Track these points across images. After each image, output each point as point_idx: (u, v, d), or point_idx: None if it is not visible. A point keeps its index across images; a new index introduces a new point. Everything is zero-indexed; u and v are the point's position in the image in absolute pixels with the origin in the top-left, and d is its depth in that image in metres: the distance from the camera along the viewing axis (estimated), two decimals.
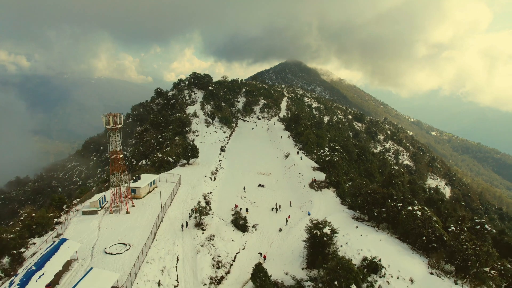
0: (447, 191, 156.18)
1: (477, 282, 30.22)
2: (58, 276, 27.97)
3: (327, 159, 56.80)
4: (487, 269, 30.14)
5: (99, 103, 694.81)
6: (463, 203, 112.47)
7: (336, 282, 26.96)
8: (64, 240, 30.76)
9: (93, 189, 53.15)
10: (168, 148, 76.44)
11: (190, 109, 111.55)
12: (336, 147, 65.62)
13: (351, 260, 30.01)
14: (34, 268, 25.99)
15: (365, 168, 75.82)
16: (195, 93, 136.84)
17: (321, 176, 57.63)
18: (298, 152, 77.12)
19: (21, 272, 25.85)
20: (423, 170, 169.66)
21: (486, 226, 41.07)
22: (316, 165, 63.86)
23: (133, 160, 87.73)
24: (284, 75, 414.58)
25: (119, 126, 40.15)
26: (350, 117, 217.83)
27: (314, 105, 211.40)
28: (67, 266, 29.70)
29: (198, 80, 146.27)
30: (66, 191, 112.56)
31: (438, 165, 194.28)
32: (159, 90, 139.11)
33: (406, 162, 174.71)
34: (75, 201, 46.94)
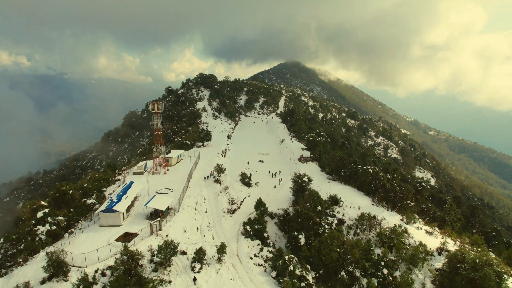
0: (431, 182, 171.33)
1: (402, 210, 46.24)
2: (132, 202, 44.05)
3: (311, 139, 72.84)
4: (408, 202, 46.13)
5: (99, 103, 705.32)
6: (436, 186, 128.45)
7: (308, 204, 43.05)
8: (132, 182, 46.96)
9: (134, 161, 69.02)
10: (183, 136, 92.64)
11: (199, 105, 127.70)
12: (322, 133, 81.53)
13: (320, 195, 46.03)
14: (121, 193, 42.14)
15: (347, 152, 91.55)
16: (202, 91, 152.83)
17: (308, 154, 73.86)
18: (291, 139, 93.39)
19: (113, 195, 41.92)
20: (410, 163, 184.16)
21: (423, 184, 57.08)
22: (305, 147, 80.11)
23: (153, 147, 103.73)
24: (284, 75, 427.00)
25: (160, 111, 56.36)
26: (344, 114, 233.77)
27: (311, 103, 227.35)
28: (135, 198, 45.75)
29: (205, 80, 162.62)
30: None
31: (428, 161, 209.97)
32: (169, 88, 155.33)
33: (394, 155, 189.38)
34: (123, 168, 63.12)
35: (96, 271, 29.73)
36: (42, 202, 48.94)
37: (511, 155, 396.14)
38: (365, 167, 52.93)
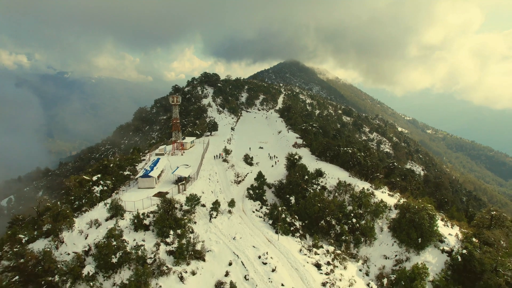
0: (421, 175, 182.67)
1: (373, 181, 58.31)
2: (161, 173, 56.13)
3: (303, 128, 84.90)
4: (377, 174, 58.18)
5: (99, 102, 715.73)
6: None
7: (297, 174, 55.14)
8: (159, 158, 59.09)
9: (155, 146, 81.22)
10: (193, 128, 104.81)
11: (204, 101, 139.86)
12: (314, 125, 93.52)
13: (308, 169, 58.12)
14: (152, 165, 54.27)
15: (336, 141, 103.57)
16: (206, 89, 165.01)
17: (301, 141, 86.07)
18: (287, 130, 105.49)
19: (147, 166, 54.02)
20: (402, 157, 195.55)
21: (395, 163, 69.14)
22: (299, 136, 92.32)
23: (164, 138, 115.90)
24: (283, 74, 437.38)
25: (178, 103, 68.41)
26: (340, 111, 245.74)
27: (308, 101, 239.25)
28: (162, 171, 57.82)
29: (208, 78, 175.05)
30: None
31: (421, 156, 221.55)
32: (176, 86, 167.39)
33: (387, 150, 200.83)
34: (146, 151, 75.29)
35: (143, 214, 41.75)
36: (84, 176, 61.13)
37: (508, 153, 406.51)
38: (345, 148, 65.02)
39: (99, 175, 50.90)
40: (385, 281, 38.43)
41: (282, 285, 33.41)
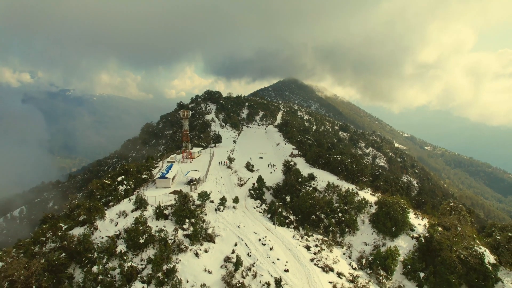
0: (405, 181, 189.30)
1: (359, 183, 66.88)
2: (174, 176, 64.86)
3: (298, 139, 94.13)
4: (363, 178, 66.83)
5: (101, 119, 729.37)
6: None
7: (292, 177, 63.88)
8: (172, 164, 67.97)
9: (165, 157, 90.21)
10: (199, 140, 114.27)
11: (207, 117, 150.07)
12: (309, 138, 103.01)
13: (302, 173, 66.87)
14: (167, 169, 63.12)
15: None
16: (209, 106, 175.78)
17: (297, 152, 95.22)
18: (285, 142, 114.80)
19: (163, 169, 62.80)
20: (396, 171, 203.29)
21: (380, 170, 77.84)
22: (295, 147, 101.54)
23: (174, 149, 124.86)
24: (282, 92, 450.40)
25: (188, 116, 78.08)
26: (336, 127, 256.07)
27: (306, 117, 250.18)
28: (175, 174, 66.55)
29: (211, 96, 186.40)
30: None
31: (416, 171, 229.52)
32: (181, 103, 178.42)
33: (381, 164, 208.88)
34: (159, 159, 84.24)
35: (163, 206, 50.18)
36: (105, 180, 69.68)
37: (506, 169, 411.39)
38: (335, 156, 74.02)
39: (123, 177, 59.60)
40: (363, 261, 46.40)
41: (278, 259, 41.53)
